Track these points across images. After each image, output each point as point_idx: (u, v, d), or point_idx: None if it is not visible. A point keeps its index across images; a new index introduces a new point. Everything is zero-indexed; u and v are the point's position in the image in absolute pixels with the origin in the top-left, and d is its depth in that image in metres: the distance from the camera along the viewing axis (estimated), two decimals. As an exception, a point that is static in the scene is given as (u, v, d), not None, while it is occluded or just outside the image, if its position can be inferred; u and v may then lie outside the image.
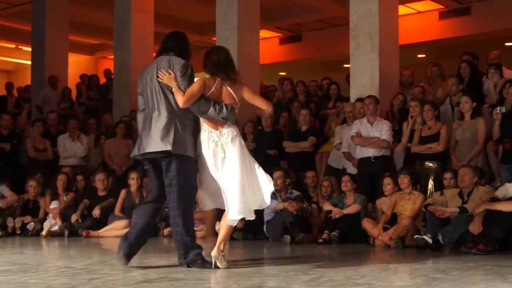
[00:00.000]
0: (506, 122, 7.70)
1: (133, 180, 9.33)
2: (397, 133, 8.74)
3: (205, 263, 5.02)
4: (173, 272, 4.74)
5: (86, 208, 9.32)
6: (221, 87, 5.14)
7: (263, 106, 5.40)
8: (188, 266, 5.01)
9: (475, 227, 6.55)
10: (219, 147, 5.08)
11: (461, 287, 3.92)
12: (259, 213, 8.47)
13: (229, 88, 5.15)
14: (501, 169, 7.64)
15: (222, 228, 5.18)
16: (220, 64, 5.14)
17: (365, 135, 8.51)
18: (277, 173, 8.35)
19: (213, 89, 5.10)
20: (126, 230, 8.79)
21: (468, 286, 4.04)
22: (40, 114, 12.41)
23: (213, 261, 4.98)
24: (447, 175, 7.52)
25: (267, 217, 8.33)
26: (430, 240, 6.78)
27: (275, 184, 8.30)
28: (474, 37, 14.42)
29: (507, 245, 6.55)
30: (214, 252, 5.02)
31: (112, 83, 12.99)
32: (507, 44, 14.80)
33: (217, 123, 5.12)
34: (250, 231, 8.52)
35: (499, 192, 6.81)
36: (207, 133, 5.12)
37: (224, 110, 5.08)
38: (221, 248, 5.07)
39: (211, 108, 5.04)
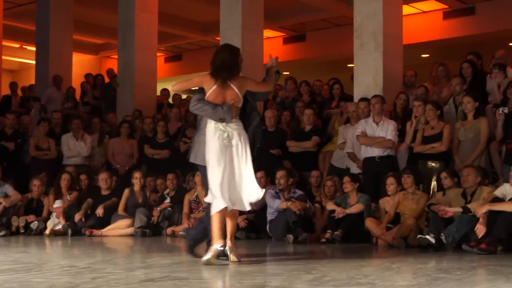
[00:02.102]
0: (510, 122, 7.69)
1: (136, 179, 9.36)
2: (400, 133, 8.73)
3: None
4: (176, 271, 4.75)
5: (90, 207, 9.34)
6: (222, 87, 5.27)
7: (269, 88, 5.67)
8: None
9: (480, 229, 6.52)
10: (226, 135, 5.24)
11: (464, 287, 3.92)
12: (262, 212, 8.53)
13: (232, 86, 5.27)
14: (504, 169, 7.62)
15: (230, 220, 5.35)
16: (222, 65, 5.28)
17: (370, 135, 8.51)
18: (280, 173, 8.37)
19: (212, 89, 5.28)
20: (130, 229, 8.92)
21: (471, 286, 4.04)
22: (44, 114, 12.44)
23: (229, 254, 5.20)
24: (443, 175, 7.50)
25: (270, 216, 8.34)
26: (433, 240, 6.76)
27: (278, 184, 8.40)
28: (478, 37, 14.41)
29: (510, 245, 6.54)
30: (229, 244, 5.22)
31: (116, 78, 13.04)
32: (511, 44, 14.78)
33: None
34: (253, 230, 8.54)
35: (498, 192, 6.82)
36: (213, 123, 5.29)
37: (220, 110, 5.24)
38: (233, 240, 5.32)
39: (208, 110, 5.28)
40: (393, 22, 9.93)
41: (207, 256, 5.12)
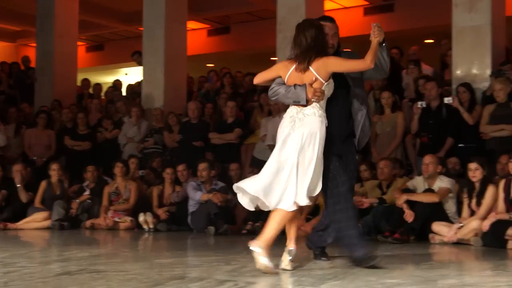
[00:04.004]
0: (425, 117, 7.97)
1: (54, 171, 9.13)
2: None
3: None
4: (94, 264, 4.67)
5: (4, 199, 9.04)
6: (299, 70, 4.36)
7: (360, 67, 4.44)
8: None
9: (410, 214, 6.72)
10: (291, 121, 4.34)
11: (377, 274, 4.03)
12: (183, 204, 8.51)
13: (311, 68, 4.33)
14: (418, 162, 7.90)
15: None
16: (304, 47, 4.38)
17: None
18: (202, 165, 8.37)
19: (289, 73, 4.41)
20: (47, 222, 8.70)
21: (384, 273, 4.16)
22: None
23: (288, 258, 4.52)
24: (362, 167, 7.71)
25: (191, 208, 8.34)
26: (350, 231, 6.93)
27: (200, 176, 8.40)
28: (396, 34, 14.76)
29: (423, 235, 6.80)
30: (292, 246, 4.60)
31: (34, 71, 12.66)
32: (426, 41, 15.27)
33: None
34: (174, 222, 8.51)
35: (410, 184, 7.11)
36: (289, 109, 4.46)
37: (292, 90, 4.34)
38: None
39: (282, 92, 4.44)
40: (316, 16, 10.03)
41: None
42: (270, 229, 4.40)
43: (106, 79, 18.88)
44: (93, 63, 19.87)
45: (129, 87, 13.30)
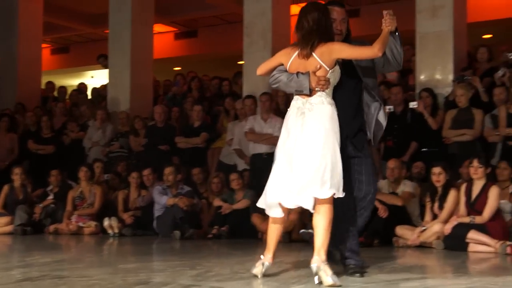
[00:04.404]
0: (389, 121, 8.05)
1: (16, 175, 9.01)
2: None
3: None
4: (56, 270, 4.62)
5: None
6: (302, 56, 4.05)
7: (367, 54, 4.07)
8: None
9: (384, 209, 6.83)
10: (300, 113, 4.02)
11: (340, 278, 4.07)
12: (149, 209, 8.47)
13: (314, 55, 4.01)
14: (383, 165, 7.98)
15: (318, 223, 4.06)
16: (307, 31, 4.06)
17: (258, 132, 8.63)
18: (168, 169, 8.36)
19: (291, 60, 4.10)
20: (9, 227, 8.56)
21: (347, 277, 4.21)
22: None
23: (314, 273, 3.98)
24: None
25: (157, 212, 8.31)
26: (315, 234, 6.97)
27: (166, 180, 8.37)
28: (362, 38, 14.93)
29: (387, 239, 6.88)
30: (317, 261, 3.99)
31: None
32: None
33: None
34: (140, 227, 8.47)
35: None
36: (294, 101, 4.13)
37: (295, 79, 4.05)
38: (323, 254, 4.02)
39: (283, 80, 4.14)
40: (282, 21, 10.14)
41: None
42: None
43: (72, 82, 18.67)
44: (59, 65, 19.63)
45: (94, 90, 13.19)
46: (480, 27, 13.31)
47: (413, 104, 8.01)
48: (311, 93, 3.99)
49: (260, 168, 8.56)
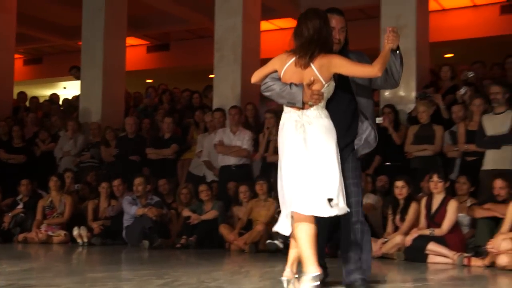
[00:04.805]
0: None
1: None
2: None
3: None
4: (24, 279, 4.57)
5: None
6: (300, 65, 3.77)
7: (367, 73, 3.80)
8: None
9: None
10: (299, 126, 3.76)
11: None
12: (118, 218, 8.42)
13: (311, 65, 3.74)
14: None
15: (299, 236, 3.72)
16: (306, 40, 3.78)
17: (227, 144, 8.66)
18: (138, 180, 8.32)
19: (287, 66, 3.82)
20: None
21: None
22: None
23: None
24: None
25: (126, 222, 8.26)
26: (281, 245, 6.99)
27: (136, 190, 8.33)
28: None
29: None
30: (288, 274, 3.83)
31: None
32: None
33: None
34: (109, 236, 8.41)
35: None
36: (288, 114, 3.85)
37: (287, 90, 3.78)
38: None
39: (276, 89, 3.85)
40: (252, 37, 10.21)
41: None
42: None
43: (44, 92, 18.50)
44: (31, 76, 19.44)
45: (66, 101, 13.09)
46: (442, 46, 13.56)
47: (378, 120, 8.11)
48: (303, 106, 3.76)
49: (229, 180, 8.59)
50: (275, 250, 7.04)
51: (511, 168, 6.92)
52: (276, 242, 7.07)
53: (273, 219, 7.63)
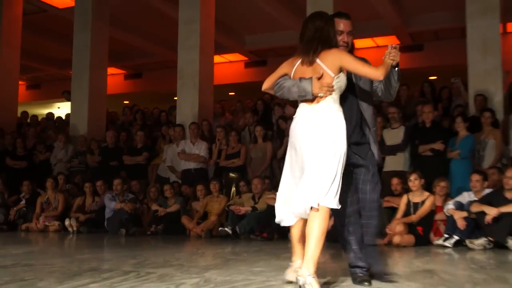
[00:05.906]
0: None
1: (-5, 185, 8.65)
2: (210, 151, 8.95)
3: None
4: (26, 259, 4.47)
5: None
6: (305, 63, 3.07)
7: (372, 74, 3.00)
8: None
9: None
10: (309, 122, 3.00)
11: (247, 265, 4.12)
12: (102, 211, 8.29)
13: (320, 63, 3.03)
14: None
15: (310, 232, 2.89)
16: (308, 39, 3.10)
17: (188, 152, 8.66)
18: (117, 181, 8.26)
19: (295, 68, 3.13)
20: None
21: (252, 263, 4.25)
22: None
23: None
24: (241, 183, 7.88)
25: (107, 214, 8.18)
26: (230, 231, 7.06)
27: (115, 189, 8.24)
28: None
29: (284, 234, 7.01)
30: (304, 275, 2.82)
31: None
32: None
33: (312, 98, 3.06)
34: (94, 226, 8.29)
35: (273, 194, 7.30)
36: (300, 109, 3.11)
37: (297, 83, 3.03)
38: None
39: (286, 86, 3.12)
40: (207, 67, 10.25)
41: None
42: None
43: (42, 111, 18.05)
44: (32, 98, 19.00)
45: (59, 118, 12.85)
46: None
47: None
48: (314, 98, 3.02)
49: (189, 181, 8.59)
50: (225, 235, 7.08)
51: (404, 169, 7.11)
52: (226, 229, 7.12)
53: (224, 211, 7.70)
